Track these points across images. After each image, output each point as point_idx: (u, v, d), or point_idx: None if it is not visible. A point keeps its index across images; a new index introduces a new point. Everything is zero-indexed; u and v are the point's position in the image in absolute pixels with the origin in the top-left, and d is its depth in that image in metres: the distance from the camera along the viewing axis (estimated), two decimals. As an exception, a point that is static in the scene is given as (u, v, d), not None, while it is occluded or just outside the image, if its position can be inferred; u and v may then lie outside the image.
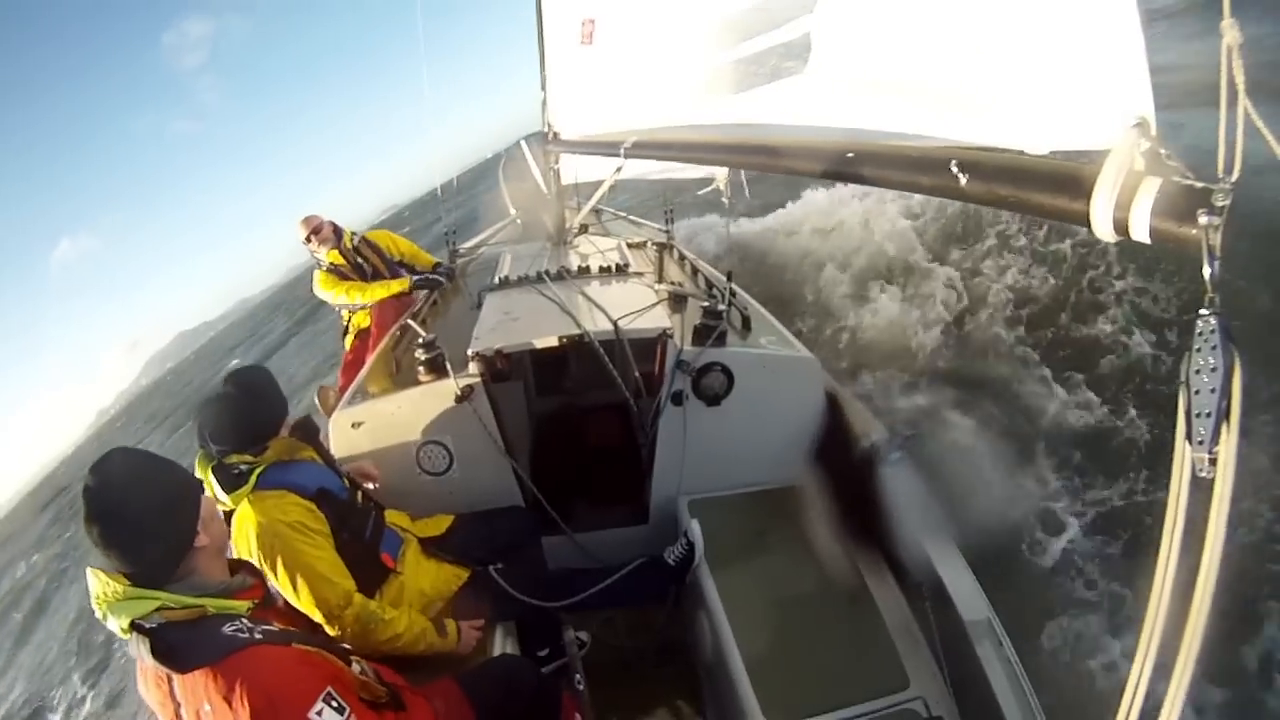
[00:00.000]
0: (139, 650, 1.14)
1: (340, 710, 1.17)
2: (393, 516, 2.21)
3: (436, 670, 1.89)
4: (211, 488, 1.80)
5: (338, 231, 4.15)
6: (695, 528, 2.32)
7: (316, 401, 4.39)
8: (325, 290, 4.15)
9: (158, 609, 1.15)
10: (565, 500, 2.59)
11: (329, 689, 1.18)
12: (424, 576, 2.13)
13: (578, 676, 1.85)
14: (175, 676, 1.13)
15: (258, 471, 1.81)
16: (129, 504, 1.19)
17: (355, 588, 1.87)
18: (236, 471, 1.81)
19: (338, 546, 1.88)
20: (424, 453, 2.49)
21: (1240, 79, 0.69)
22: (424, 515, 2.36)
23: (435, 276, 4.09)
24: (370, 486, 2.30)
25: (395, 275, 4.18)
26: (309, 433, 2.00)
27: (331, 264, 4.14)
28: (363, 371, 2.93)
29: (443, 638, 1.98)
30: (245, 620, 1.21)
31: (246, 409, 1.84)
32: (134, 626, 1.14)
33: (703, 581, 2.23)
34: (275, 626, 1.25)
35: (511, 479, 2.56)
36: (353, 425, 2.45)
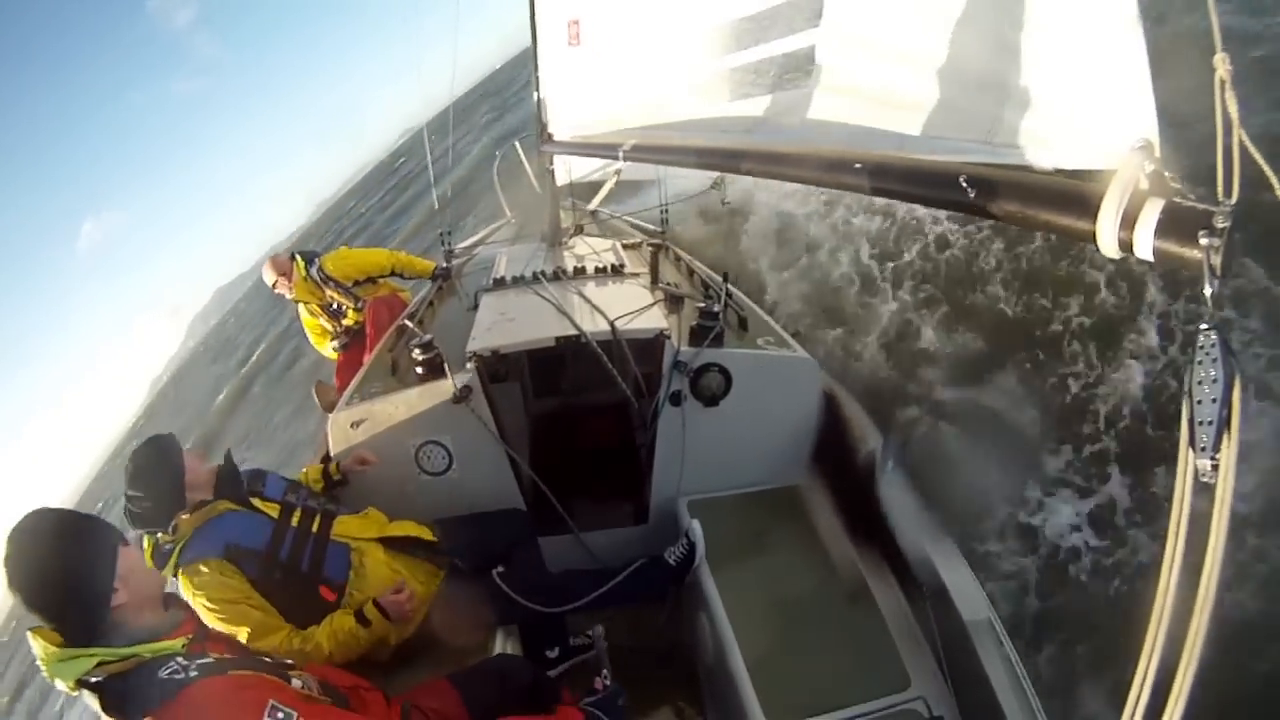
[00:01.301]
0: (91, 704, 1.18)
1: (287, 718, 1.20)
2: (342, 526, 2.11)
3: (432, 669, 1.90)
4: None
5: (294, 264, 4.25)
6: (696, 528, 2.34)
7: (315, 397, 4.39)
8: (318, 346, 4.60)
9: (98, 664, 1.19)
10: (564, 500, 2.60)
11: (272, 701, 1.21)
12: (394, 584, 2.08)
13: (605, 671, 1.84)
14: None
15: (178, 549, 1.84)
16: (40, 572, 1.23)
17: (284, 636, 1.87)
18: (165, 550, 1.84)
19: (272, 584, 1.89)
20: (423, 453, 2.49)
21: (1234, 108, 0.72)
22: (424, 515, 2.35)
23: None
24: (362, 468, 2.34)
25: (357, 301, 4.30)
26: (227, 481, 1.98)
27: (302, 300, 4.33)
28: (361, 372, 2.93)
29: (369, 627, 1.93)
30: (180, 659, 1.23)
31: (138, 497, 1.84)
32: (80, 683, 1.18)
33: (703, 582, 2.25)
34: (211, 658, 1.28)
35: (511, 479, 2.57)
36: (351, 425, 2.46)
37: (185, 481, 1.89)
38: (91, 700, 1.17)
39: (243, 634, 1.80)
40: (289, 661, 1.49)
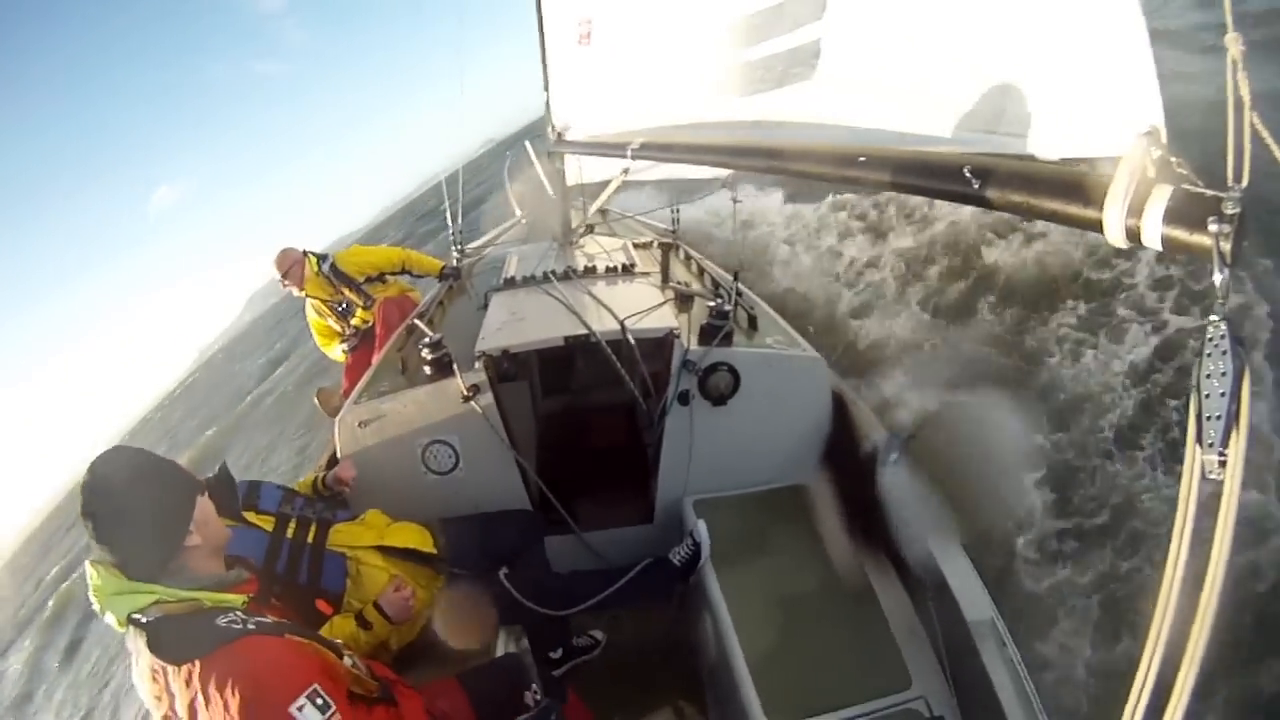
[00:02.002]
0: (136, 644, 1.16)
1: (324, 709, 1.17)
2: (339, 535, 2.07)
3: (436, 672, 1.90)
4: None
5: (305, 259, 4.23)
6: (701, 528, 2.33)
7: (316, 403, 4.43)
8: (324, 347, 4.59)
9: (154, 602, 1.18)
10: (570, 500, 2.60)
11: (315, 685, 1.18)
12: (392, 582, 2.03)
13: (535, 686, 1.84)
14: (170, 669, 1.15)
15: None
16: (121, 502, 1.22)
17: None
18: None
19: (270, 598, 1.85)
20: (430, 452, 2.50)
21: (1245, 90, 0.70)
22: (430, 515, 2.35)
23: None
24: (342, 486, 2.28)
25: (367, 300, 4.27)
26: (220, 495, 1.97)
27: (311, 297, 4.30)
28: (370, 371, 2.95)
29: (370, 630, 1.91)
30: (240, 613, 1.23)
31: None
32: (130, 620, 1.16)
33: (707, 581, 2.23)
34: (269, 619, 1.27)
35: (518, 478, 2.57)
36: (359, 424, 2.46)
37: None
38: (138, 638, 1.16)
39: None
40: (339, 641, 1.48)
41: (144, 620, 1.16)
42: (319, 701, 1.17)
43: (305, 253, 4.25)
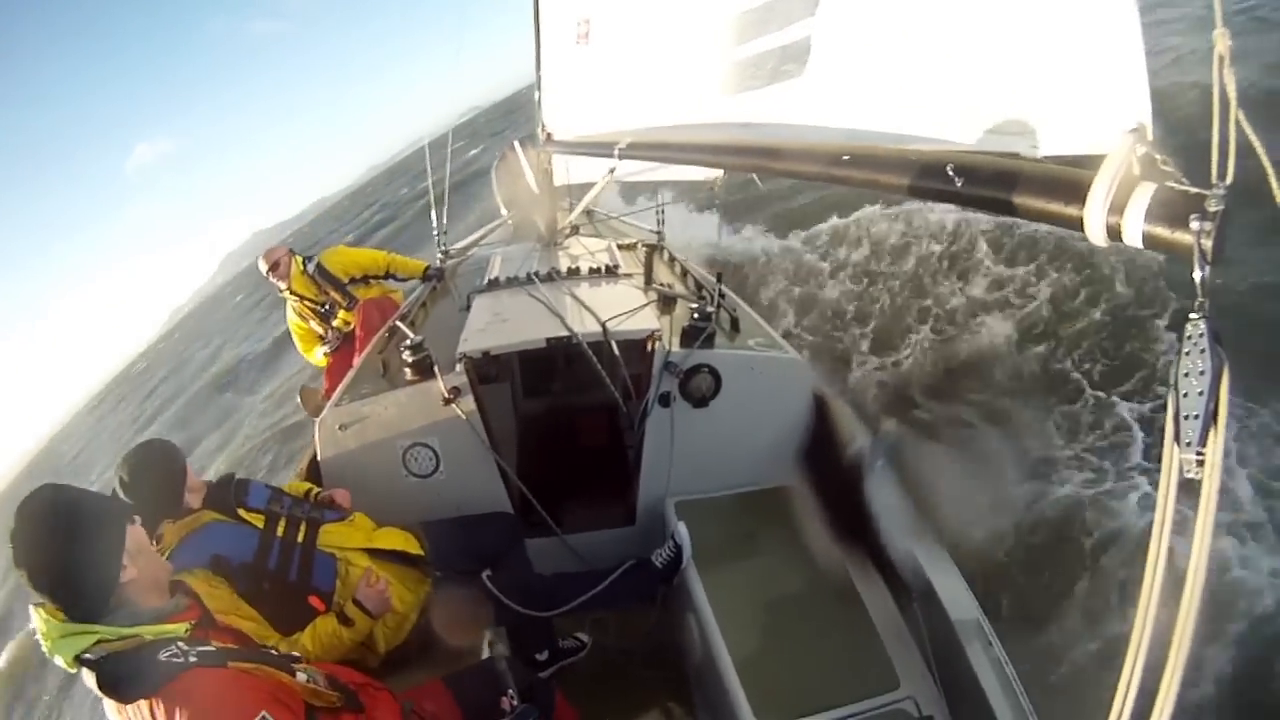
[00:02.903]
0: (89, 682, 1.16)
1: None
2: (328, 536, 2.06)
3: (428, 671, 1.87)
4: None
5: (292, 257, 4.22)
6: (682, 530, 2.32)
7: (300, 402, 4.37)
8: (305, 353, 4.53)
9: (97, 642, 1.17)
10: (552, 502, 2.58)
11: (264, 713, 1.18)
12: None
13: (511, 691, 1.84)
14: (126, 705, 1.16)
15: (164, 558, 1.78)
16: (48, 549, 1.22)
17: (273, 645, 1.79)
18: None
19: (259, 594, 1.86)
20: (410, 455, 2.47)
21: (1232, 86, 0.70)
22: (411, 518, 2.30)
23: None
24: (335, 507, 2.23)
25: (350, 300, 4.24)
26: (219, 491, 1.97)
27: (297, 294, 4.25)
28: (350, 373, 2.91)
29: (351, 626, 1.89)
30: (181, 644, 1.22)
31: (133, 494, 1.83)
32: (79, 660, 1.16)
33: (691, 583, 2.22)
34: (213, 646, 1.26)
35: (499, 481, 2.54)
36: (340, 427, 2.43)
37: (185, 486, 1.88)
38: (89, 678, 1.16)
39: None
40: (295, 655, 1.46)
41: (91, 659, 1.16)
42: None
43: (290, 251, 4.22)
